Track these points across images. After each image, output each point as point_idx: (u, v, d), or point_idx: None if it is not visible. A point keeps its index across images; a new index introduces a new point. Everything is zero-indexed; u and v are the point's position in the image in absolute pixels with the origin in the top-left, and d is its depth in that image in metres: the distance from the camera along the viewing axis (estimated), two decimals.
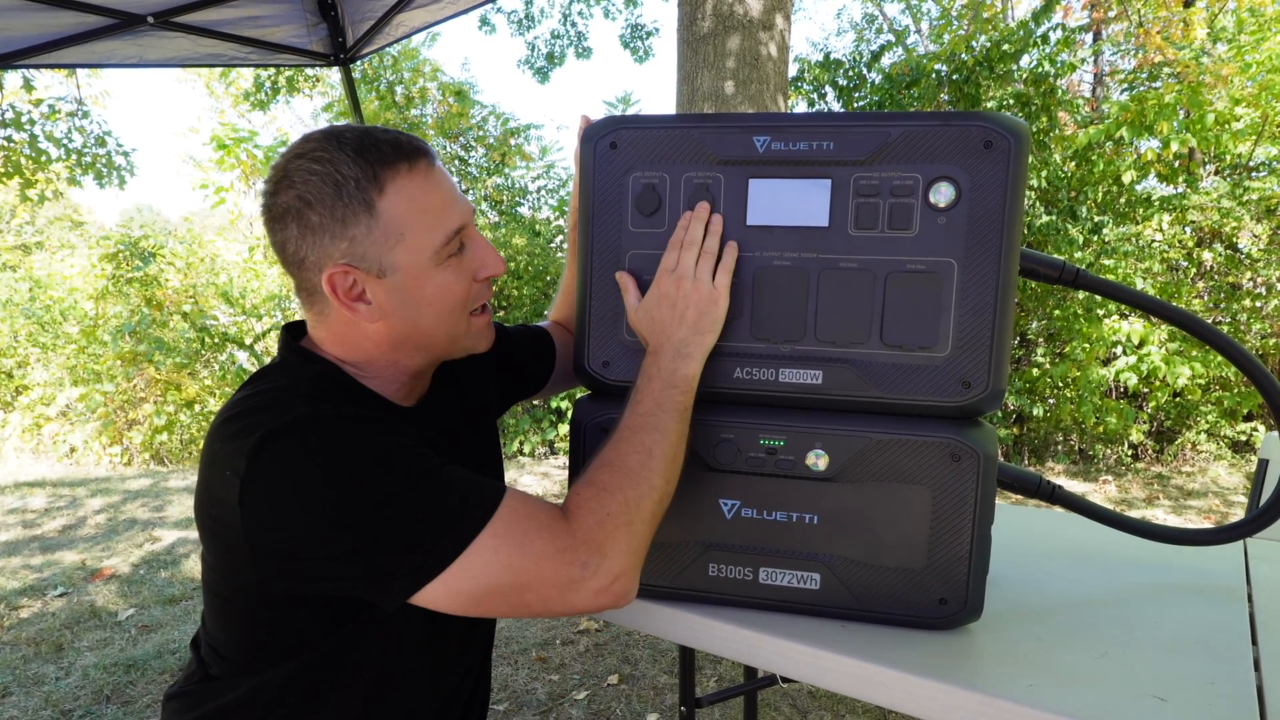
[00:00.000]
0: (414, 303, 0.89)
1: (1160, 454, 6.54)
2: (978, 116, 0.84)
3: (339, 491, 0.76)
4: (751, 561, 0.96)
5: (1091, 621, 0.99)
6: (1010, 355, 0.89)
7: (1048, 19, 6.31)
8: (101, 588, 3.63)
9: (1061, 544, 1.28)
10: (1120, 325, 5.76)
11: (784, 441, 0.93)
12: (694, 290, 0.92)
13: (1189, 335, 5.79)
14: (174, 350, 7.26)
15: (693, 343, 0.92)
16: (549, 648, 3.03)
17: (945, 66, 6.62)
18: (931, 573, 0.91)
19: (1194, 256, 6.24)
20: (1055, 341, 6.46)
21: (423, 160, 0.89)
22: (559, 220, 8.26)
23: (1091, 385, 5.89)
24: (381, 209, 0.85)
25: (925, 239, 0.87)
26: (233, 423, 0.82)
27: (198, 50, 3.14)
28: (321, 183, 0.85)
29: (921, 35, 10.61)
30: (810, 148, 0.88)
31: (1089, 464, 6.51)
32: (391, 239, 0.86)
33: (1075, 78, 9.40)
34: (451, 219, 0.90)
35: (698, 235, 0.93)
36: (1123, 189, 6.32)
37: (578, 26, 10.28)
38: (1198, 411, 6.28)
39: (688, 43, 4.23)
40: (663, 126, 0.92)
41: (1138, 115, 5.67)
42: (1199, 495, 5.54)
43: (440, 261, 0.89)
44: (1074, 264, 1.00)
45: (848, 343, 0.90)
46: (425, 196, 0.88)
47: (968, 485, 0.88)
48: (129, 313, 7.41)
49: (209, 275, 8.27)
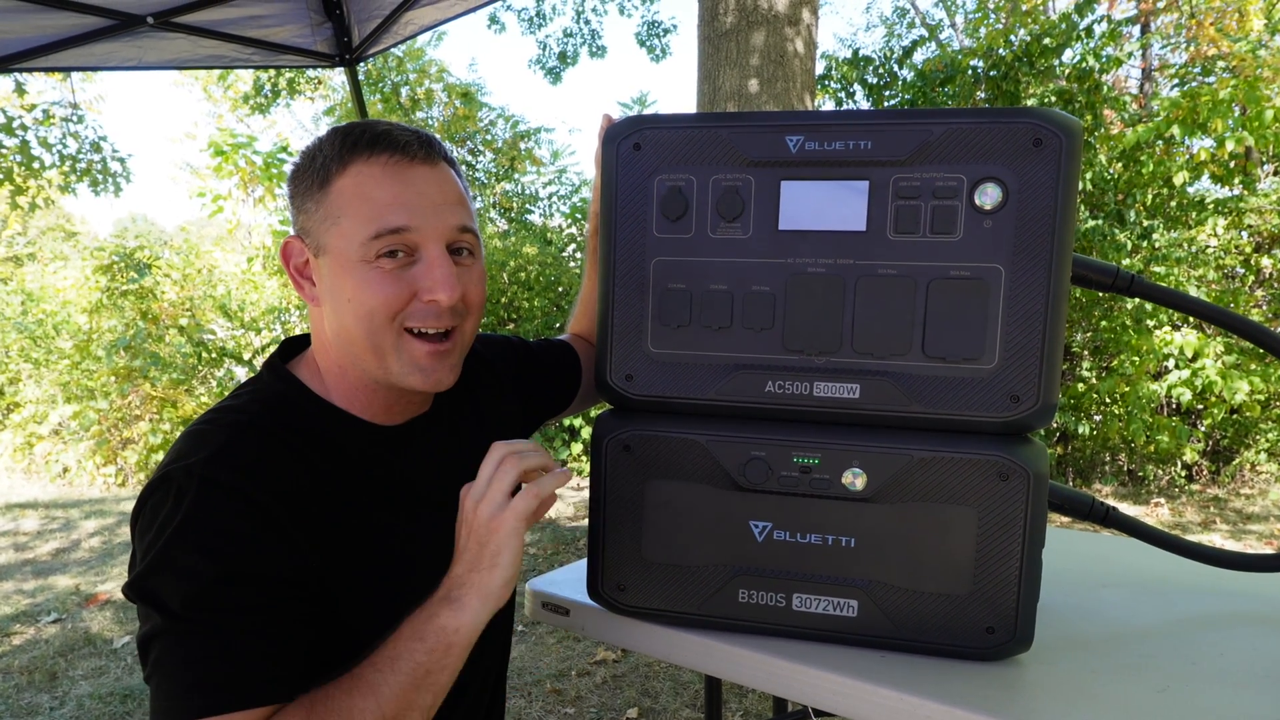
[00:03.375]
0: (338, 292, 0.92)
1: (1216, 475, 6.44)
2: (1026, 113, 0.84)
3: (167, 578, 0.80)
4: (784, 587, 0.95)
5: (1150, 653, 0.97)
6: (1060, 368, 0.88)
7: (1091, 11, 6.29)
8: (96, 614, 3.66)
9: (1115, 569, 1.26)
10: (1173, 337, 5.69)
11: (819, 459, 0.92)
12: (475, 514, 0.86)
13: (1256, 347, 5.73)
14: (170, 366, 7.32)
15: (468, 583, 0.84)
16: (564, 679, 3.02)
17: (982, 62, 6.61)
18: (977, 600, 0.90)
19: (1252, 263, 6.16)
20: (1102, 354, 6.39)
21: (400, 155, 0.91)
22: (571, 228, 8.30)
23: (1141, 401, 5.81)
24: (333, 189, 0.91)
25: (970, 244, 0.86)
26: (178, 439, 0.89)
27: (198, 52, 3.20)
28: (307, 155, 0.94)
29: (956, 29, 10.61)
30: (846, 147, 0.88)
31: (1139, 486, 6.41)
32: (330, 219, 0.91)
33: (1122, 73, 9.35)
34: (392, 217, 0.89)
35: (520, 443, 0.89)
36: (1174, 191, 6.26)
37: (591, 24, 10.38)
38: (1257, 430, 6.17)
39: (709, 39, 4.25)
40: (689, 126, 0.93)
41: (1189, 112, 5.63)
42: (1259, 519, 5.45)
43: (369, 258, 0.89)
44: (1127, 270, 0.99)
45: (887, 354, 0.90)
46: (375, 186, 0.90)
47: (1016, 506, 0.87)
48: (124, 327, 7.47)
49: (206, 287, 8.34)
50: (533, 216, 9.18)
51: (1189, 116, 5.65)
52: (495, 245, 7.60)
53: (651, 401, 0.97)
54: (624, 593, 1.01)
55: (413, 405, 1.02)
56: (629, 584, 1.01)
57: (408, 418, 1.02)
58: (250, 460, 0.85)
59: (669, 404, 0.97)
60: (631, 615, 1.02)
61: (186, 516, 0.80)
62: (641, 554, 0.99)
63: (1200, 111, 5.57)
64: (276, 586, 0.83)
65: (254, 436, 0.88)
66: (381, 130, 0.92)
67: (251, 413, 0.91)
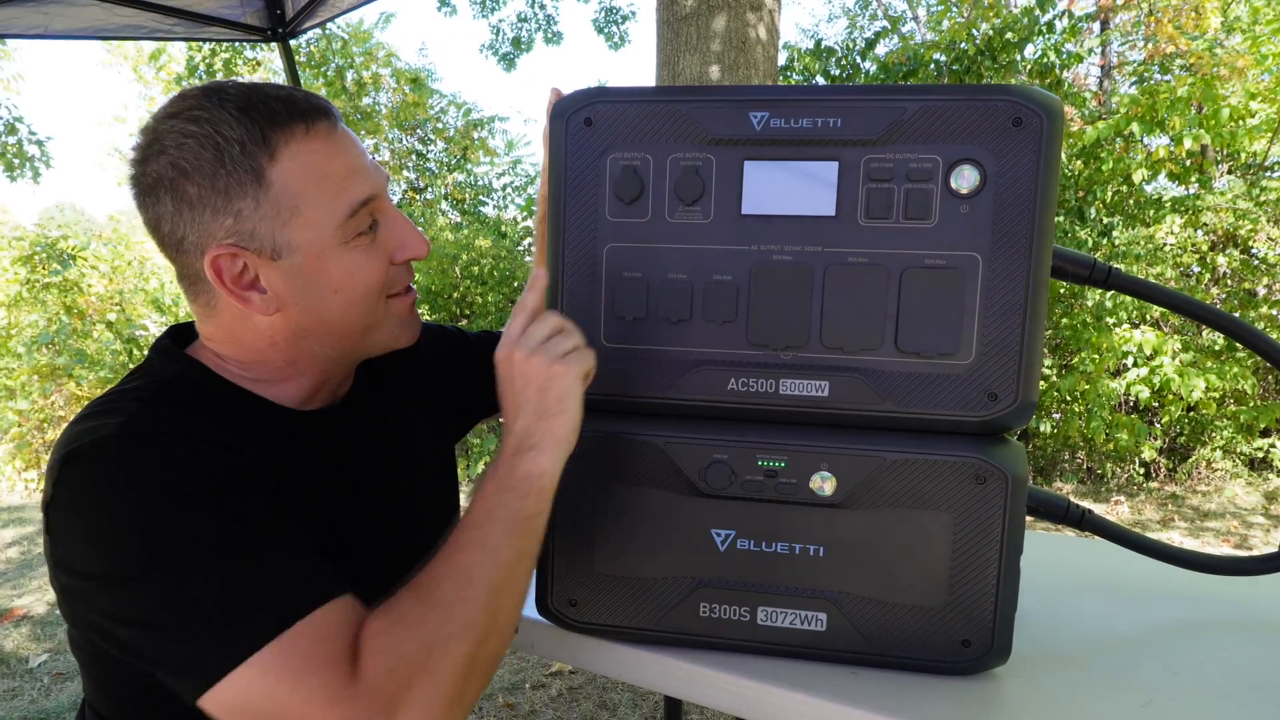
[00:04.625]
0: (317, 289, 0.84)
1: (1174, 472, 6.61)
2: (1005, 90, 0.81)
3: (136, 537, 0.69)
4: (749, 600, 0.91)
5: (1130, 664, 0.95)
6: (1041, 364, 0.85)
7: (1053, 6, 6.41)
8: (11, 631, 3.51)
9: (1090, 575, 1.25)
10: (1132, 335, 5.82)
11: (785, 463, 0.89)
12: (528, 364, 0.82)
13: (1217, 344, 5.89)
14: (98, 364, 7.10)
15: (538, 431, 0.82)
16: (517, 692, 2.97)
17: (944, 56, 6.70)
18: (953, 611, 0.87)
19: (1208, 261, 6.32)
20: (1062, 352, 6.52)
21: (323, 120, 0.84)
22: (527, 221, 8.23)
23: (1101, 399, 5.94)
24: (272, 178, 0.79)
25: (946, 230, 0.83)
26: (63, 433, 0.77)
27: (113, 20, 3.02)
28: (199, 146, 0.78)
29: (918, 22, 10.76)
30: (814, 125, 0.84)
31: (1099, 484, 6.56)
32: (285, 213, 0.80)
33: (1081, 70, 9.57)
34: (358, 188, 0.84)
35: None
36: (1132, 189, 6.40)
37: (547, 9, 10.28)
38: (1213, 427, 6.35)
39: (668, 23, 4.22)
40: (646, 100, 0.88)
41: (1148, 109, 5.76)
42: (1216, 516, 5.60)
43: (346, 239, 0.83)
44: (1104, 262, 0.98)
45: (857, 349, 0.86)
46: (326, 162, 0.82)
47: (994, 511, 0.85)
48: (46, 322, 7.25)
49: (138, 280, 8.11)
50: (486, 209, 9.09)
51: (1148, 113, 5.78)
52: (447, 238, 7.50)
53: (604, 400, 0.92)
54: (576, 608, 0.96)
55: (332, 387, 0.96)
56: (581, 598, 0.96)
57: (324, 403, 0.96)
58: (169, 425, 0.77)
59: (623, 403, 0.92)
60: (584, 632, 0.98)
61: (134, 466, 0.71)
62: (594, 566, 0.95)
63: (1159, 108, 5.70)
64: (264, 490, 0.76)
65: (163, 410, 0.79)
66: (283, 96, 0.83)
67: (152, 391, 0.81)
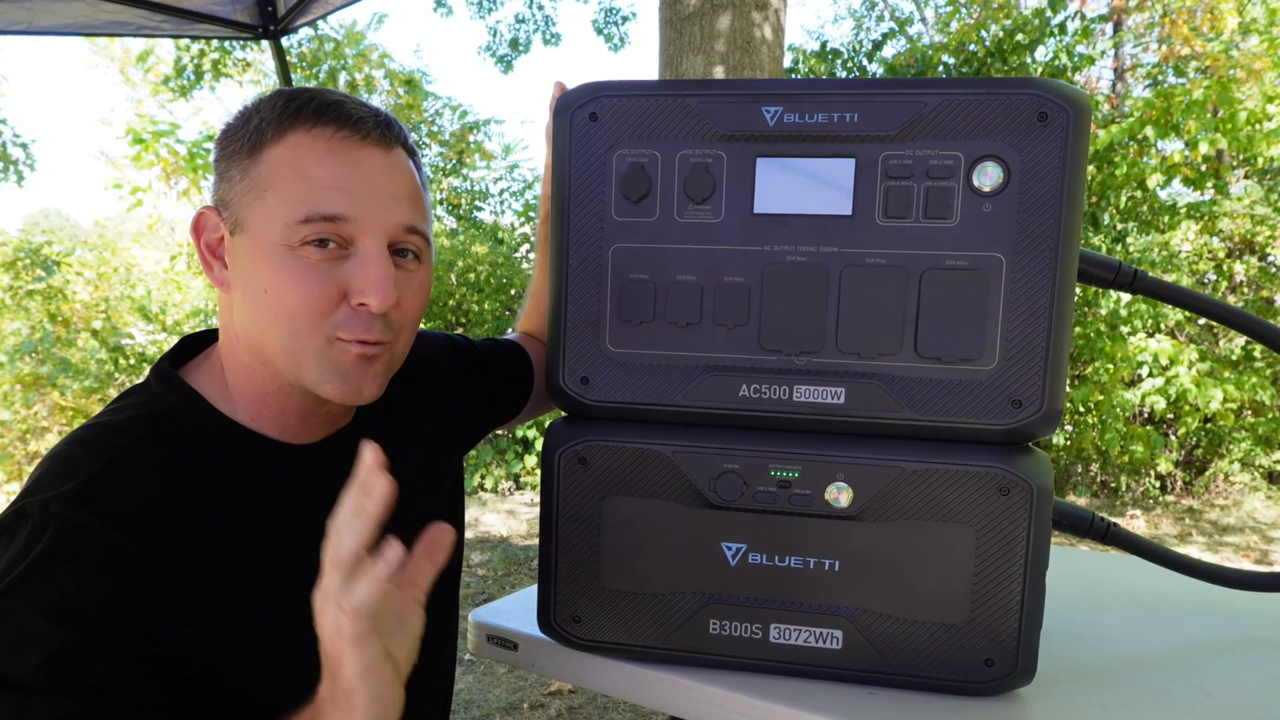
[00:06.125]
0: (254, 279, 0.82)
1: (1190, 485, 6.59)
2: (1029, 83, 0.80)
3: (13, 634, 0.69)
4: (761, 617, 0.90)
5: (1160, 684, 0.94)
6: (1067, 370, 0.84)
7: (1064, 7, 6.42)
8: None
9: (1115, 591, 1.24)
10: (1147, 344, 5.81)
11: (799, 473, 0.87)
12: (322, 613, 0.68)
13: (1236, 352, 5.87)
14: (82, 373, 7.08)
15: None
16: (515, 713, 2.94)
17: (953, 58, 6.71)
18: (975, 628, 0.86)
19: (1224, 269, 6.32)
20: (1075, 362, 6.50)
21: (350, 131, 0.83)
22: (524, 227, 8.22)
23: (1116, 410, 5.92)
24: (264, 157, 0.83)
25: (968, 230, 0.82)
26: (47, 455, 0.79)
27: (98, 16, 2.99)
28: (242, 116, 0.86)
29: (926, 23, 10.78)
30: (830, 120, 0.83)
31: (1113, 497, 6.54)
32: (255, 192, 0.82)
33: (1094, 73, 9.58)
34: (328, 202, 0.80)
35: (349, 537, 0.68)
36: (1147, 194, 6.40)
37: (545, 10, 10.33)
38: (1230, 439, 6.34)
39: (671, 23, 4.23)
40: (653, 94, 0.87)
41: (1163, 113, 5.76)
42: (1235, 530, 5.58)
43: (294, 244, 0.80)
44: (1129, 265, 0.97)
45: (875, 354, 0.85)
46: (314, 163, 0.81)
47: (1018, 524, 0.83)
48: (30, 330, 7.24)
49: (124, 287, 8.10)
50: (483, 214, 9.08)
51: (1162, 117, 5.78)
52: (443, 244, 7.50)
53: (610, 408, 0.91)
54: (580, 625, 0.95)
55: (333, 417, 0.93)
56: (585, 615, 0.94)
57: (326, 433, 0.93)
58: (124, 499, 0.74)
59: (630, 410, 0.91)
60: (588, 650, 0.96)
61: (33, 565, 0.69)
62: (599, 581, 0.93)
63: (1174, 112, 5.70)
64: (145, 662, 0.71)
65: (133, 466, 0.77)
66: (333, 100, 0.83)
67: (134, 433, 0.80)
